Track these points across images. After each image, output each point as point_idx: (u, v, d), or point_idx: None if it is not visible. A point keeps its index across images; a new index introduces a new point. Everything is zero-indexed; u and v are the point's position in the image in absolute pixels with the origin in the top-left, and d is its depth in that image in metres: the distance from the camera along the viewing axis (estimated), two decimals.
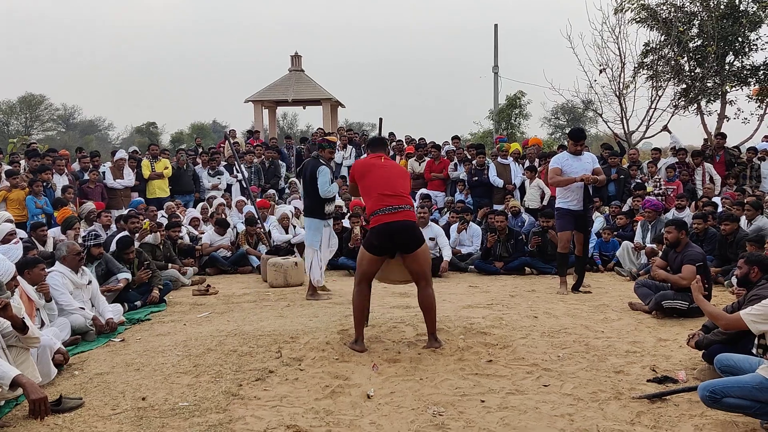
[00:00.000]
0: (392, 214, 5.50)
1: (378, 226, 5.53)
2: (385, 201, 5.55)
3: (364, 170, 5.82)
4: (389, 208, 5.52)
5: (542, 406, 4.37)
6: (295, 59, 25.07)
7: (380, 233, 5.53)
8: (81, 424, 4.21)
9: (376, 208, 5.55)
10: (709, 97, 17.67)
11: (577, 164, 8.18)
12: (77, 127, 55.12)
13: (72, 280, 6.54)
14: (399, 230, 5.51)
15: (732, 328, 4.39)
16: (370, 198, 5.67)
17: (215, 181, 14.14)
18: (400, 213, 5.53)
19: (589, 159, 8.35)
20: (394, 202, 5.55)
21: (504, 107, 26.39)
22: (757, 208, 9.57)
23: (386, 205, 5.53)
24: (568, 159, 8.25)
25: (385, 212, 5.51)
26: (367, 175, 5.76)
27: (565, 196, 8.29)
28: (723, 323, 4.29)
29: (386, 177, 5.69)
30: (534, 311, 7.25)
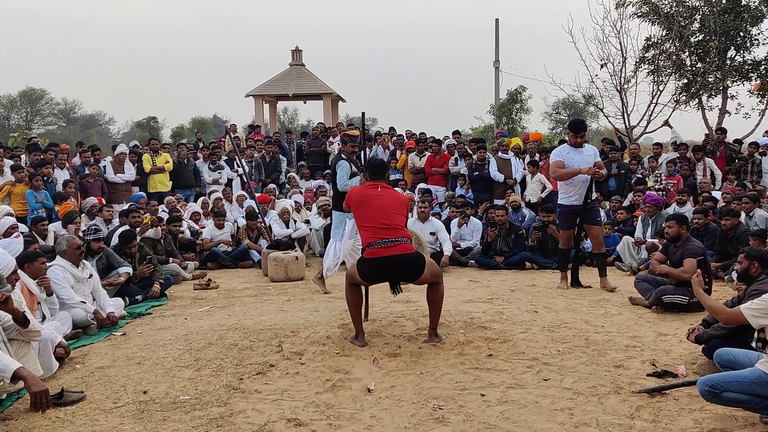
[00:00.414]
0: (389, 248, 5.40)
1: (373, 259, 5.43)
2: (381, 234, 5.44)
3: (360, 200, 5.69)
4: (386, 241, 5.41)
5: (542, 400, 4.39)
6: (295, 53, 25.06)
7: (376, 267, 5.46)
8: (82, 417, 4.23)
9: (372, 241, 5.45)
10: (710, 92, 17.67)
11: (578, 157, 8.00)
12: (78, 122, 55.11)
13: (73, 274, 6.55)
14: (398, 264, 5.44)
15: (732, 322, 4.40)
16: (365, 228, 5.56)
17: (216, 175, 14.14)
18: (397, 246, 5.42)
19: (590, 151, 8.15)
20: (391, 235, 5.45)
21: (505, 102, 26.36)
22: (755, 201, 9.57)
23: (382, 238, 5.42)
24: (569, 152, 8.08)
25: (381, 245, 5.41)
26: (363, 205, 5.64)
27: (567, 191, 8.13)
28: (723, 317, 4.30)
29: (383, 208, 5.54)
30: (534, 306, 7.26)
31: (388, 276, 5.56)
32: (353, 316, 5.69)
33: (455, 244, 10.90)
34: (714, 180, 12.74)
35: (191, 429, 3.97)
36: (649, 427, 3.94)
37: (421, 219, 10.53)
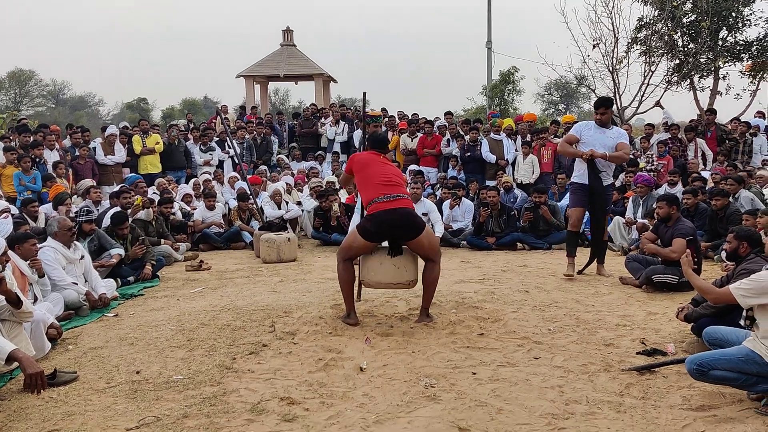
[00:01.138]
0: (391, 202, 5.46)
1: (377, 213, 5.46)
2: (383, 189, 5.52)
3: (364, 162, 5.78)
4: (387, 196, 5.47)
5: (533, 378, 4.43)
6: (286, 34, 24.88)
7: (379, 220, 5.45)
8: (75, 397, 4.24)
9: (375, 197, 5.51)
10: (702, 72, 17.68)
11: (598, 136, 7.52)
12: (67, 103, 54.62)
13: (64, 255, 6.54)
14: (399, 218, 5.44)
15: (721, 301, 4.44)
16: (367, 187, 5.63)
17: (207, 157, 14.08)
18: (398, 201, 5.48)
19: (614, 134, 7.59)
20: (393, 191, 5.52)
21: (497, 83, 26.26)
22: (739, 182, 9.61)
23: (385, 193, 5.49)
24: (591, 129, 7.62)
25: (383, 200, 5.47)
26: (366, 167, 5.74)
27: (578, 168, 7.71)
28: (712, 297, 4.34)
29: (385, 169, 5.70)
30: (525, 286, 7.30)
31: (389, 232, 5.51)
32: (346, 294, 5.70)
33: (447, 226, 10.93)
34: (705, 160, 12.80)
35: (184, 408, 3.99)
36: (639, 404, 3.99)
37: (412, 200, 10.51)
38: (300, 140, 16.45)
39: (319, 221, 11.01)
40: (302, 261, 9.50)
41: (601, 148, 7.42)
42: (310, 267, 8.95)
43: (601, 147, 7.43)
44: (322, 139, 16.26)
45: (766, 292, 3.83)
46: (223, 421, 3.81)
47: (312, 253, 10.34)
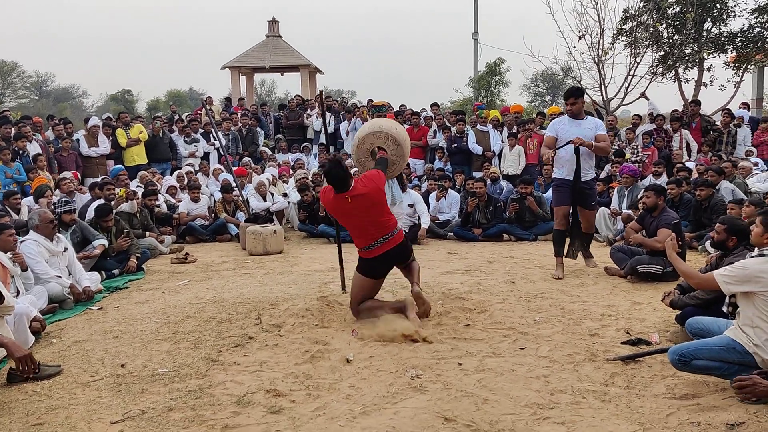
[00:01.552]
0: (385, 245, 5.51)
1: (377, 257, 5.52)
2: (373, 237, 5.50)
3: (336, 212, 5.69)
4: (380, 241, 5.50)
5: (518, 368, 4.45)
6: (272, 24, 24.74)
7: (378, 261, 5.56)
8: (60, 391, 4.21)
9: (367, 244, 5.52)
10: (686, 63, 17.75)
11: (574, 129, 7.15)
12: (51, 95, 54.00)
13: (47, 248, 6.47)
14: (395, 255, 5.59)
15: (703, 287, 4.46)
16: (356, 235, 5.60)
17: (192, 148, 13.99)
18: (391, 240, 5.52)
19: (590, 124, 7.27)
20: (384, 232, 5.51)
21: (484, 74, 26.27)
22: (720, 174, 9.68)
23: (375, 239, 5.50)
24: (565, 123, 7.29)
25: (377, 245, 5.50)
26: (341, 217, 5.71)
27: (559, 164, 7.36)
28: (695, 282, 4.36)
29: (363, 220, 5.48)
30: (511, 276, 7.33)
31: (389, 267, 5.67)
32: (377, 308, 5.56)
33: (434, 217, 10.94)
34: (690, 151, 12.87)
35: (170, 401, 3.97)
36: (623, 393, 4.01)
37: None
38: (286, 132, 16.38)
39: (304, 213, 10.98)
40: (289, 253, 9.48)
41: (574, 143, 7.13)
42: (297, 259, 8.94)
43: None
44: (308, 130, 16.20)
45: (749, 280, 3.86)
46: (209, 413, 3.79)
47: (299, 245, 10.31)
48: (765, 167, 11.59)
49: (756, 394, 2.93)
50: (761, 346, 3.82)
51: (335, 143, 15.61)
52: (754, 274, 3.84)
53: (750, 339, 3.86)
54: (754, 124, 13.53)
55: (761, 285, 3.81)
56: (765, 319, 3.81)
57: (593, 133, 7.16)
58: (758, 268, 3.84)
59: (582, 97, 7.44)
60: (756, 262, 3.89)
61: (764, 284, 3.80)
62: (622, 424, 3.57)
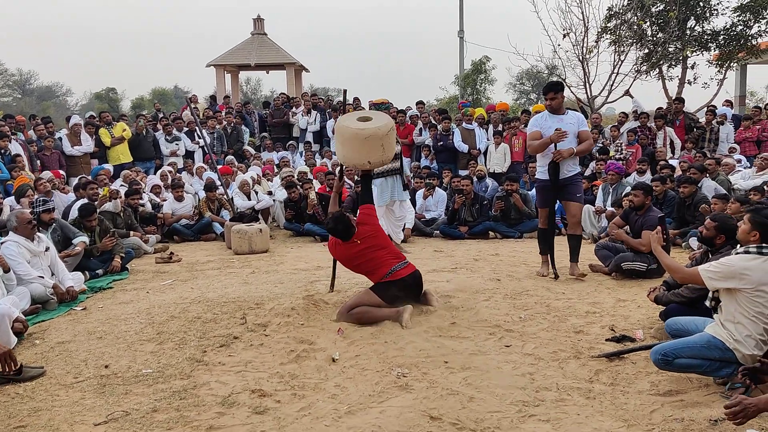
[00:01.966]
0: (406, 268, 5.64)
1: (404, 278, 5.57)
2: (393, 261, 5.63)
3: (352, 260, 5.73)
4: (400, 264, 5.62)
5: (504, 365, 4.46)
6: (257, 22, 24.63)
7: (405, 284, 5.58)
8: (43, 392, 4.17)
9: (390, 268, 5.58)
10: (670, 61, 17.87)
11: (556, 125, 6.82)
12: (34, 93, 53.45)
13: (28, 248, 6.40)
14: (417, 282, 5.71)
15: (688, 281, 4.48)
16: (377, 269, 5.62)
17: (173, 147, 13.89)
18: (409, 266, 5.69)
19: (572, 119, 6.97)
20: (401, 258, 5.73)
21: (469, 72, 26.32)
22: (702, 171, 9.76)
23: (396, 263, 5.62)
24: (546, 119, 6.95)
25: (399, 268, 5.60)
26: (359, 262, 5.69)
27: (542, 164, 7.06)
28: (680, 276, 4.37)
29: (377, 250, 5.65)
30: (497, 274, 7.35)
31: (410, 293, 5.66)
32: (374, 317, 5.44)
33: (420, 215, 10.95)
34: (673, 149, 12.97)
35: (154, 402, 3.94)
36: (608, 390, 4.04)
37: None
38: (271, 130, 16.32)
39: (291, 212, 10.94)
40: (274, 252, 9.45)
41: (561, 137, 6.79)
42: (283, 258, 8.91)
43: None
44: (294, 128, 16.14)
45: (732, 277, 3.88)
46: (194, 414, 3.77)
47: (284, 244, 10.28)
48: (748, 164, 11.69)
49: (749, 415, 2.94)
50: (742, 341, 3.85)
51: (321, 141, 15.58)
52: (738, 271, 3.86)
53: (731, 335, 3.89)
54: (737, 121, 13.66)
55: (745, 282, 3.84)
56: (747, 316, 3.84)
57: (575, 129, 6.91)
58: (742, 264, 3.87)
59: (561, 91, 7.10)
60: (740, 258, 3.91)
61: (748, 281, 3.83)
62: (606, 421, 3.59)
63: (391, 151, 6.09)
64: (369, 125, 5.89)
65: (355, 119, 6.05)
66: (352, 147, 5.96)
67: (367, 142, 5.83)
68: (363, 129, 5.85)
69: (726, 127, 13.21)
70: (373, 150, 5.87)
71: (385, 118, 6.09)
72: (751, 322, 3.84)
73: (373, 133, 5.81)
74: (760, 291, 3.81)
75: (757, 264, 3.84)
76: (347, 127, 5.94)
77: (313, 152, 14.72)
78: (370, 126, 5.87)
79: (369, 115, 6.18)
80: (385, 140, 5.89)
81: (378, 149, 5.88)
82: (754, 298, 3.82)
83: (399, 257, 5.73)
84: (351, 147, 5.98)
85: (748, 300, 3.84)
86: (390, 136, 5.96)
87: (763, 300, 3.81)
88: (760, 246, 3.90)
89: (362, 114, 6.19)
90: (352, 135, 5.88)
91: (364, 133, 5.82)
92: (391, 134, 6.00)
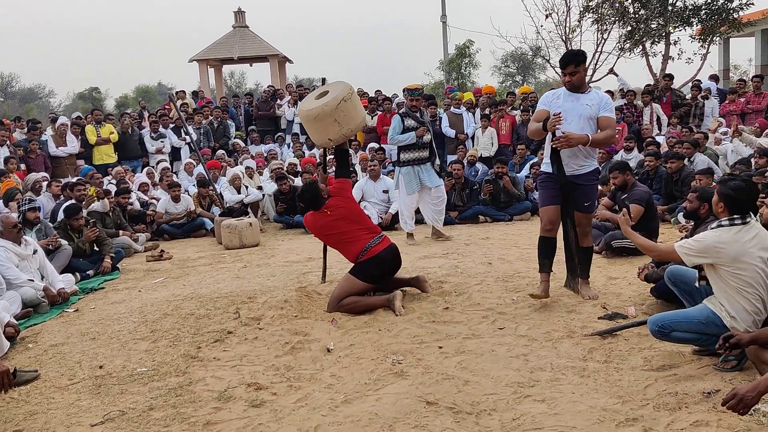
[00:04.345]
0: (382, 243, 5.62)
1: (378, 254, 5.54)
2: (367, 237, 5.61)
3: (323, 231, 5.76)
4: (375, 240, 5.60)
5: (498, 348, 4.48)
6: (238, 15, 24.47)
7: (381, 261, 5.56)
8: (38, 396, 4.16)
9: (364, 245, 5.55)
10: (653, 38, 17.87)
11: (570, 105, 5.30)
12: (16, 96, 52.96)
13: (16, 252, 6.36)
14: (394, 256, 5.66)
15: (664, 259, 4.50)
16: (351, 243, 5.61)
17: (159, 144, 13.79)
18: (384, 239, 5.67)
19: (591, 100, 5.32)
20: (375, 233, 5.69)
21: (454, 57, 26.28)
22: (695, 146, 9.81)
23: (371, 238, 5.60)
24: (560, 98, 5.40)
25: (374, 244, 5.57)
26: (330, 233, 5.72)
27: (546, 153, 5.58)
28: (655, 254, 4.38)
29: (350, 224, 5.64)
30: (488, 258, 7.36)
31: (389, 268, 5.66)
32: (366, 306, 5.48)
33: None
34: (660, 125, 13.00)
35: (150, 400, 3.94)
36: (602, 367, 4.06)
37: (372, 177, 10.52)
38: (257, 123, 16.22)
39: (282, 206, 10.89)
40: (265, 245, 9.43)
41: (576, 121, 5.26)
42: (274, 251, 8.89)
43: (576, 119, 5.26)
44: (281, 120, 16.06)
45: (707, 251, 3.87)
46: (190, 410, 3.77)
47: (275, 237, 10.26)
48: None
49: (748, 404, 2.94)
50: (737, 318, 3.85)
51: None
52: (711, 246, 3.85)
53: (727, 311, 3.88)
54: (723, 95, 13.70)
55: (721, 257, 3.83)
56: (735, 289, 3.84)
57: (594, 113, 5.29)
58: (715, 238, 3.86)
59: (583, 63, 5.44)
60: (713, 234, 3.90)
61: (724, 256, 3.81)
62: (601, 398, 3.62)
63: (353, 121, 5.90)
64: (318, 103, 5.82)
65: (313, 98, 5.98)
66: (309, 129, 6.04)
67: (318, 122, 5.79)
68: (311, 110, 5.79)
69: (711, 101, 13.26)
70: (328, 127, 5.80)
71: (337, 90, 5.90)
72: (740, 296, 3.84)
73: (321, 112, 5.73)
74: (738, 264, 3.80)
75: (730, 236, 3.83)
76: (301, 110, 5.99)
77: (301, 144, 14.65)
78: (318, 104, 5.80)
79: (327, 88, 6.07)
80: (338, 114, 5.74)
81: (332, 125, 5.79)
82: (735, 272, 3.82)
83: (374, 232, 5.70)
84: (309, 129, 6.05)
85: (730, 274, 3.84)
86: (343, 107, 5.76)
87: (744, 273, 3.81)
88: (731, 218, 3.89)
89: (322, 89, 6.09)
90: (304, 117, 5.92)
91: (312, 114, 5.78)
92: (345, 105, 5.77)
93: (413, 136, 8.26)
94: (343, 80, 6.13)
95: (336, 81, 6.10)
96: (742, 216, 3.86)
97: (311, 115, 5.78)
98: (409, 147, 8.38)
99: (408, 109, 8.47)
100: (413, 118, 8.34)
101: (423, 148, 8.41)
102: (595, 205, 5.79)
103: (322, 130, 5.85)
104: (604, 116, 5.31)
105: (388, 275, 5.69)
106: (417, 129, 8.26)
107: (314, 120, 5.79)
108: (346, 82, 6.07)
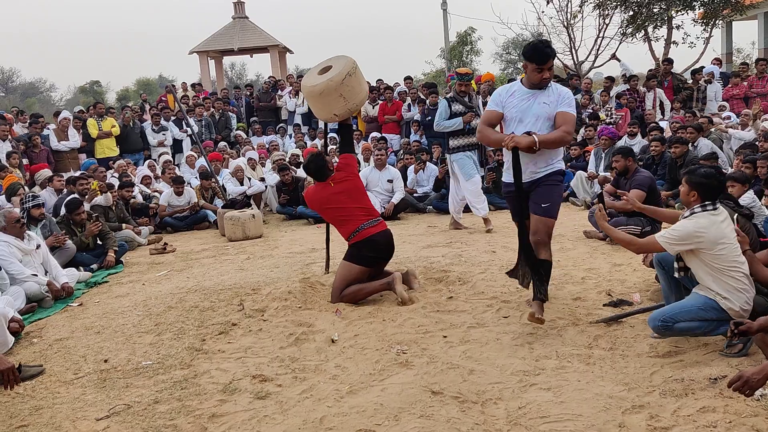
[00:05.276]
0: (376, 226, 5.55)
1: (371, 237, 5.49)
2: (363, 218, 5.55)
3: (322, 204, 5.70)
4: (370, 222, 5.54)
5: (503, 337, 4.47)
6: (237, 6, 24.39)
7: (374, 244, 5.50)
8: (43, 390, 4.16)
9: (358, 225, 5.51)
10: (655, 22, 17.78)
11: (526, 105, 4.62)
12: (17, 90, 52.90)
13: (19, 247, 6.35)
14: (388, 241, 5.59)
15: (645, 251, 4.51)
16: (347, 222, 5.57)
17: (160, 137, 13.77)
18: (380, 224, 5.61)
19: (550, 98, 4.60)
20: (372, 215, 5.63)
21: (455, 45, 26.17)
22: (699, 131, 9.75)
23: (366, 220, 5.54)
24: (514, 95, 4.71)
25: (368, 226, 5.52)
26: (328, 206, 5.66)
27: (507, 160, 4.84)
28: (636, 247, 4.30)
29: (348, 202, 5.59)
30: (492, 246, 7.34)
31: (382, 252, 5.59)
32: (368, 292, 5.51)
33: (412, 190, 10.91)
34: (663, 110, 12.94)
35: (155, 393, 3.94)
36: (607, 354, 4.05)
37: (378, 167, 10.48)
38: (259, 114, 16.19)
39: (285, 197, 10.87)
40: (268, 237, 9.42)
41: (533, 123, 4.59)
42: (277, 242, 8.88)
43: (532, 120, 4.60)
44: (282, 111, 16.03)
45: (689, 238, 3.91)
46: (195, 403, 3.77)
47: (278, 228, 10.24)
48: (737, 121, 11.67)
49: (754, 386, 2.94)
50: (730, 298, 3.88)
51: (310, 123, 15.47)
52: (692, 232, 3.90)
53: (718, 293, 3.91)
54: (726, 79, 13.62)
55: (702, 242, 3.88)
56: (719, 270, 3.89)
57: (552, 112, 4.58)
58: (694, 226, 3.91)
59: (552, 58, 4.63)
60: (690, 221, 3.95)
61: (705, 240, 3.86)
62: (607, 386, 3.61)
63: (357, 95, 5.82)
64: (323, 78, 5.71)
65: (316, 74, 5.88)
66: (314, 104, 5.96)
67: (323, 97, 5.69)
68: (315, 85, 5.69)
69: (714, 85, 13.17)
70: (333, 102, 5.71)
71: (341, 64, 5.79)
72: (727, 276, 3.89)
73: (326, 87, 5.63)
74: (719, 246, 3.86)
75: (708, 221, 3.90)
76: (305, 86, 5.90)
77: (303, 134, 14.62)
78: (322, 79, 5.69)
79: (330, 63, 5.94)
80: (343, 89, 5.64)
81: (338, 101, 5.69)
82: (717, 254, 3.87)
83: (371, 215, 5.63)
84: (313, 104, 5.99)
85: (713, 256, 3.89)
86: (348, 82, 5.66)
87: (725, 253, 3.86)
88: (703, 205, 3.97)
89: (324, 64, 5.97)
90: (308, 93, 5.83)
91: (317, 89, 5.68)
92: (350, 80, 5.67)
93: (460, 121, 8.12)
94: (345, 54, 6.04)
95: (338, 55, 6.01)
96: (713, 202, 3.98)
97: (316, 91, 5.69)
98: (458, 133, 8.21)
99: (456, 94, 8.30)
100: (461, 103, 8.19)
101: (471, 134, 8.20)
102: (557, 210, 4.76)
103: (327, 105, 5.78)
104: (561, 111, 4.57)
105: (381, 260, 5.63)
106: (465, 114, 8.16)
107: (319, 96, 5.70)
108: (348, 55, 5.97)
